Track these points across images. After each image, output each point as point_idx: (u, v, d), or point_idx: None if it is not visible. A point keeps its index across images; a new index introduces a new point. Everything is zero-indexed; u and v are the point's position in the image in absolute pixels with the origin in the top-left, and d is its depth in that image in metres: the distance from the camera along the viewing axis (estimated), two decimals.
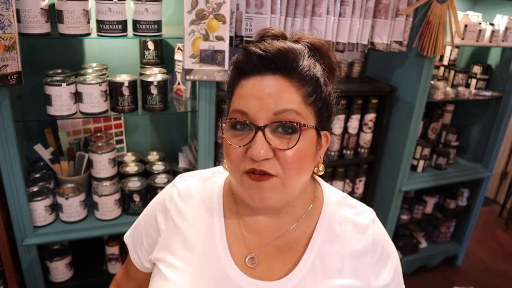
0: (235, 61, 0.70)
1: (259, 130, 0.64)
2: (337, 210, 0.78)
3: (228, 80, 0.73)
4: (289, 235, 0.75)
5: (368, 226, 0.78)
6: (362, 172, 2.29)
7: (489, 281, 2.72)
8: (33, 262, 1.60)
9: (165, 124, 2.00)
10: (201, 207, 0.78)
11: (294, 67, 0.65)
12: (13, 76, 1.26)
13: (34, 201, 1.53)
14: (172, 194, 0.80)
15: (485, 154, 2.54)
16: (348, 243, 0.76)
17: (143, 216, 0.86)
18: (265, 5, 1.57)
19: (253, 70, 0.66)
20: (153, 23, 1.45)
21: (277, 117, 0.64)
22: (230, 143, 0.67)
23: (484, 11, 2.34)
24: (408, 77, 2.07)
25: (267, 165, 0.65)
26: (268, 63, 0.65)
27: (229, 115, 0.68)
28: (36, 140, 1.70)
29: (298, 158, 0.66)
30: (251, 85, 0.66)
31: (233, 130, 0.68)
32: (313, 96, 0.67)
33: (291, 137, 0.65)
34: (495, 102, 2.43)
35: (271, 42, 0.67)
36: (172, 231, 0.77)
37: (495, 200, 3.79)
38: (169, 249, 0.76)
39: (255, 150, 0.63)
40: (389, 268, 0.78)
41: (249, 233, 0.76)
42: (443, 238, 2.78)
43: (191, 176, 0.84)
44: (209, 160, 1.67)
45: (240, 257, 0.74)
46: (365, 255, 0.75)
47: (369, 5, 1.76)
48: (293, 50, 0.66)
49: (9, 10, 1.19)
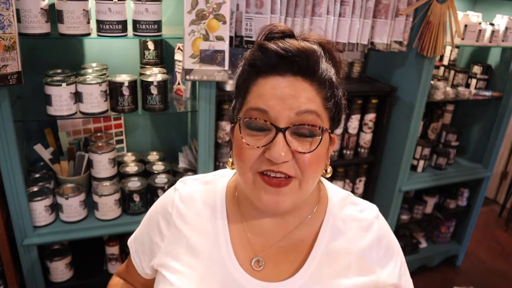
0: (251, 58, 0.67)
1: (280, 131, 0.62)
2: (341, 208, 0.79)
3: (240, 76, 0.70)
4: (294, 236, 0.75)
5: (373, 223, 0.78)
6: (362, 172, 2.29)
7: (489, 281, 2.72)
8: (33, 262, 1.60)
9: (165, 124, 2.00)
10: (203, 211, 0.77)
11: (316, 70, 0.64)
12: (13, 76, 1.26)
13: (34, 201, 1.53)
14: (174, 199, 0.79)
15: (485, 154, 2.54)
16: (354, 240, 0.76)
17: (146, 221, 0.85)
18: (265, 5, 1.57)
19: (272, 70, 0.64)
20: (153, 23, 1.45)
21: (299, 117, 0.63)
22: (247, 142, 0.64)
23: (484, 11, 2.34)
24: (408, 77, 2.07)
25: (285, 167, 0.64)
26: (290, 63, 0.63)
27: (246, 114, 0.65)
28: (36, 140, 1.70)
29: (316, 161, 0.65)
30: (271, 85, 0.64)
31: (248, 129, 0.65)
32: (331, 101, 0.66)
33: (312, 140, 0.65)
34: (495, 102, 2.43)
35: (290, 41, 0.64)
36: (175, 236, 0.76)
37: (495, 200, 3.79)
38: (172, 255, 0.76)
39: (275, 153, 0.62)
40: (395, 263, 0.79)
41: (254, 235, 0.75)
42: (443, 238, 2.78)
43: (193, 180, 0.83)
44: (209, 160, 1.67)
45: (246, 259, 0.73)
46: (370, 251, 0.76)
47: (369, 5, 1.76)
48: (314, 51, 0.65)
49: (9, 10, 1.19)
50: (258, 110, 0.64)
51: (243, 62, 0.70)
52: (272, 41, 0.65)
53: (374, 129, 2.18)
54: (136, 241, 0.86)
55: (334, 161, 2.15)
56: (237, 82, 0.71)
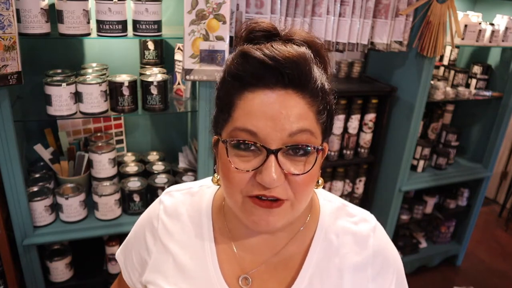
0: (235, 68, 0.59)
1: (271, 153, 0.57)
2: (334, 220, 0.73)
3: (221, 87, 0.63)
4: (284, 252, 0.71)
5: (369, 237, 0.72)
6: (362, 172, 2.28)
7: (489, 281, 2.72)
8: (33, 262, 1.60)
9: (165, 124, 2.00)
10: (189, 226, 0.74)
11: (307, 80, 0.58)
12: (13, 76, 1.26)
13: (34, 201, 1.53)
14: (159, 212, 0.76)
15: (485, 154, 2.54)
16: (347, 256, 0.70)
17: (133, 234, 0.81)
18: (265, 5, 1.57)
19: (259, 82, 0.57)
20: (153, 23, 1.45)
21: (292, 139, 0.57)
22: (235, 166, 0.58)
23: (484, 11, 2.34)
24: (408, 77, 2.07)
25: (278, 191, 0.58)
26: (280, 75, 0.56)
27: (232, 134, 0.59)
28: (36, 140, 1.70)
29: (310, 181, 0.61)
30: (259, 101, 0.57)
31: (236, 149, 0.59)
32: (324, 113, 0.61)
33: (306, 160, 0.59)
34: (495, 102, 2.43)
35: (277, 46, 0.57)
36: (161, 252, 0.74)
37: (495, 200, 3.79)
38: (159, 271, 0.73)
39: (268, 177, 0.56)
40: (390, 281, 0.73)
41: (242, 251, 0.71)
42: (443, 238, 2.78)
43: (178, 191, 0.78)
44: (209, 160, 1.67)
45: (233, 277, 0.70)
46: (365, 268, 0.71)
47: (369, 5, 1.76)
48: (305, 59, 0.58)
49: (9, 10, 1.19)
50: (246, 131, 0.57)
51: (224, 70, 0.62)
52: (256, 46, 0.59)
53: (374, 129, 2.18)
54: (124, 254, 0.83)
55: (334, 161, 2.15)
56: (219, 93, 0.63)
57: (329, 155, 2.14)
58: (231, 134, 0.59)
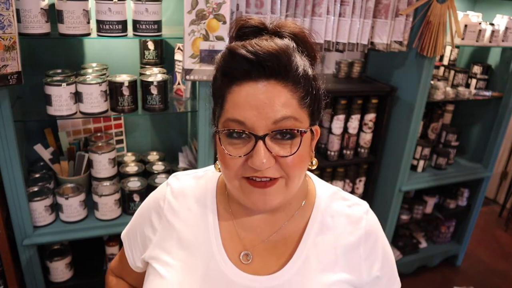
0: (223, 65, 0.66)
1: (259, 139, 0.63)
2: (329, 203, 0.79)
3: (214, 83, 0.70)
4: (283, 231, 0.76)
5: (361, 218, 0.78)
6: (362, 172, 2.28)
7: (489, 281, 2.72)
8: (33, 262, 1.60)
9: (165, 124, 2.00)
10: (195, 205, 0.79)
11: (288, 70, 0.63)
12: (13, 76, 1.26)
13: (34, 201, 1.53)
14: (166, 193, 0.81)
15: (485, 154, 2.54)
16: (341, 235, 0.76)
17: (138, 215, 0.86)
18: (265, 5, 1.57)
19: (244, 76, 0.64)
20: (153, 23, 1.45)
21: (277, 125, 0.63)
22: (229, 152, 0.65)
23: (484, 11, 2.34)
24: (408, 77, 2.07)
25: (269, 172, 0.65)
26: (261, 68, 0.62)
27: (224, 124, 0.66)
28: (36, 140, 1.70)
29: (299, 161, 0.67)
30: (245, 93, 0.63)
31: (229, 138, 0.66)
32: (307, 98, 0.66)
33: (291, 142, 0.65)
34: (495, 102, 2.43)
35: (260, 42, 0.63)
36: (166, 230, 0.78)
37: (495, 200, 3.79)
38: (163, 248, 0.77)
39: (257, 161, 0.63)
40: (380, 260, 0.79)
41: (243, 231, 0.77)
42: (443, 238, 2.78)
43: (185, 175, 0.84)
44: (209, 160, 1.67)
45: (235, 253, 0.75)
46: (357, 247, 0.76)
47: (369, 5, 1.76)
48: (284, 51, 0.63)
49: (9, 10, 1.19)
50: (235, 121, 0.64)
51: (215, 67, 0.69)
52: (242, 43, 0.64)
53: (374, 129, 2.18)
54: (128, 235, 0.87)
55: (334, 161, 2.15)
56: (213, 89, 0.70)
57: (329, 155, 2.14)
58: (223, 125, 0.66)
